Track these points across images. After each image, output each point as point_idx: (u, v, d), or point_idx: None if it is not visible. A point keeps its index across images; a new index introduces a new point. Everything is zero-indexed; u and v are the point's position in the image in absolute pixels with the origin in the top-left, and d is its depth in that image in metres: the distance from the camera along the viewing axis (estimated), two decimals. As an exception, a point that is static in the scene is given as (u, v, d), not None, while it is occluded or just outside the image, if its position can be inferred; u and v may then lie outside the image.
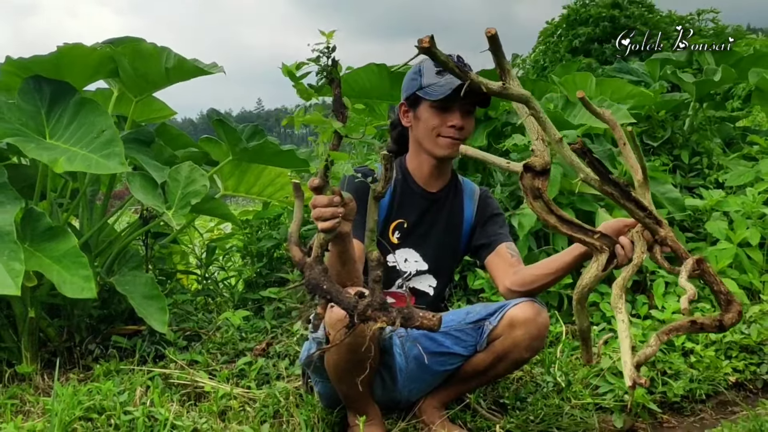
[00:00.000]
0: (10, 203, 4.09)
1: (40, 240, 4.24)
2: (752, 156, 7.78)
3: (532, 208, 2.82)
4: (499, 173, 6.11)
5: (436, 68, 3.56)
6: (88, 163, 4.27)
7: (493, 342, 3.51)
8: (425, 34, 2.42)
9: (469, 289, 5.47)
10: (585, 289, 2.96)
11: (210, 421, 3.65)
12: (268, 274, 6.07)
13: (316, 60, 2.68)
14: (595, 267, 2.92)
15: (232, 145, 5.49)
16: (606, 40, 29.86)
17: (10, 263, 3.84)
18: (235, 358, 4.60)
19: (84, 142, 4.39)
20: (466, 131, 3.63)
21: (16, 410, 3.97)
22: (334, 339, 2.95)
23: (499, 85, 2.59)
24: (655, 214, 2.91)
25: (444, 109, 3.58)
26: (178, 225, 4.81)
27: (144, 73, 5.00)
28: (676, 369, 4.32)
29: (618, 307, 2.81)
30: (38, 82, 4.51)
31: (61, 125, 4.46)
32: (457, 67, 2.49)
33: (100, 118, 4.48)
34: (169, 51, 4.97)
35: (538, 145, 2.78)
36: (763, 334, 4.58)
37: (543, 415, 3.82)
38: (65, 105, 4.50)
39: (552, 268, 3.42)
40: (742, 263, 5.78)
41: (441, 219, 3.83)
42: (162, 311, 4.58)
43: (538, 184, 2.76)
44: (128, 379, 4.17)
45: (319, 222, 2.71)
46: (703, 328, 2.83)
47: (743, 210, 6.17)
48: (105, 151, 4.32)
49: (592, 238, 2.91)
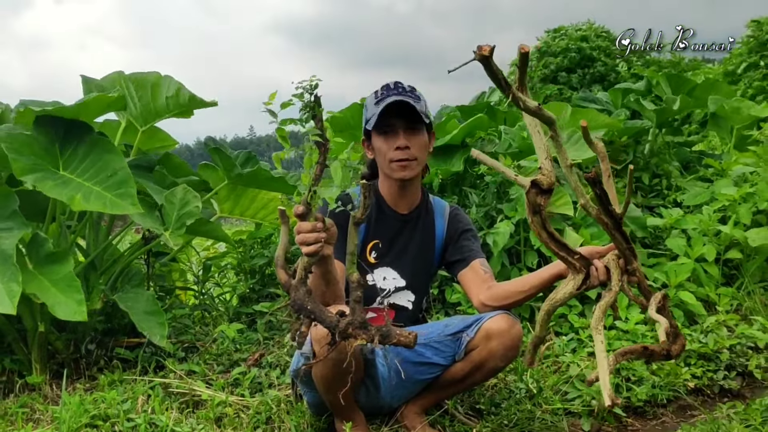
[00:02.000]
0: (17, 228, 4.16)
1: (44, 263, 4.28)
2: (708, 178, 7.83)
3: (531, 221, 2.84)
4: (474, 195, 6.13)
5: (375, 99, 3.60)
6: (103, 201, 4.30)
7: (471, 352, 3.53)
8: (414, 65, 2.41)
9: (447, 302, 5.49)
10: (557, 303, 3.02)
11: (207, 427, 3.65)
12: (261, 289, 6.08)
13: (300, 96, 2.70)
14: (571, 285, 2.98)
15: (228, 170, 5.53)
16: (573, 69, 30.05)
17: (10, 284, 3.91)
18: (230, 368, 4.59)
19: (98, 179, 4.41)
20: (413, 149, 3.59)
21: (27, 418, 3.97)
22: (319, 354, 2.99)
23: (535, 105, 2.58)
24: (633, 247, 2.97)
25: (387, 134, 3.59)
26: (175, 245, 4.85)
27: (148, 102, 5.05)
28: (640, 375, 4.34)
29: (598, 328, 2.85)
30: (53, 117, 4.50)
31: (75, 159, 4.46)
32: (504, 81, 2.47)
33: (114, 157, 4.51)
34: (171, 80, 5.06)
35: (546, 165, 2.78)
36: (719, 343, 4.60)
37: (516, 420, 3.83)
38: (79, 140, 4.51)
39: (526, 286, 3.45)
40: (699, 277, 5.81)
41: (414, 237, 3.83)
42: (162, 326, 4.58)
43: (541, 201, 2.78)
44: (131, 388, 4.18)
45: (304, 246, 2.73)
46: (653, 354, 2.90)
47: (700, 228, 6.22)
48: (119, 191, 4.36)
49: (573, 258, 2.96)
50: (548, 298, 3.02)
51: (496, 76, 2.40)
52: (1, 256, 4.01)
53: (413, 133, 3.60)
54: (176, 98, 5.12)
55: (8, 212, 4.23)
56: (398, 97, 3.54)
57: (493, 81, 2.46)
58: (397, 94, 3.56)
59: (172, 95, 5.08)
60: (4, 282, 3.92)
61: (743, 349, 4.65)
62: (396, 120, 3.55)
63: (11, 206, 4.25)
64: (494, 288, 3.59)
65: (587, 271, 2.98)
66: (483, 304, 3.59)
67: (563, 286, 3.02)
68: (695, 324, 5.19)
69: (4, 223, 4.18)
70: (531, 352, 3.11)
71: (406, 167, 3.61)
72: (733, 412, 3.67)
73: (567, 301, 3.11)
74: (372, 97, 3.66)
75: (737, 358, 4.57)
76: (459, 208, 4.01)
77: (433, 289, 4.88)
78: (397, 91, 3.60)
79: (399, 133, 3.57)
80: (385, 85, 3.67)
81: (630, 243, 2.96)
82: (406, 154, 3.58)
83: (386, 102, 3.53)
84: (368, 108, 3.68)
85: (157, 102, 5.12)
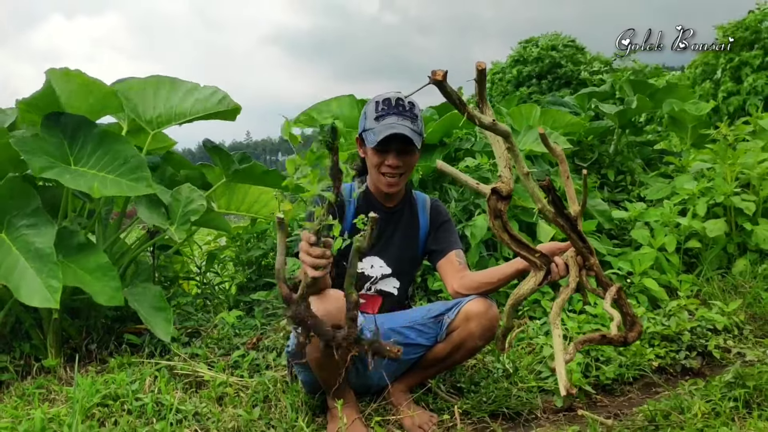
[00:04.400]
0: (43, 225, 4.18)
1: (75, 254, 4.34)
2: (668, 174, 7.91)
3: (492, 225, 2.89)
4: (453, 191, 6.13)
5: (376, 114, 3.59)
6: (120, 186, 4.36)
7: (452, 333, 3.56)
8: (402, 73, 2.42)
9: (429, 289, 5.49)
10: (521, 297, 3.12)
11: (209, 405, 3.65)
12: (257, 279, 6.07)
13: (322, 128, 2.72)
14: (533, 281, 3.07)
15: (226, 167, 5.61)
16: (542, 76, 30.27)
17: (49, 280, 3.97)
18: (230, 351, 4.59)
19: (111, 168, 4.46)
20: (404, 167, 3.64)
21: (43, 398, 3.97)
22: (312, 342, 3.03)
23: (490, 120, 2.61)
24: (589, 244, 3.02)
25: (382, 151, 3.60)
26: (180, 239, 4.85)
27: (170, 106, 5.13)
28: (608, 356, 4.35)
29: (555, 323, 2.96)
30: (57, 116, 4.52)
31: (84, 153, 4.47)
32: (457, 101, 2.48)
33: (124, 147, 4.56)
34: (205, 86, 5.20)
35: (505, 173, 2.81)
36: (681, 325, 4.62)
37: (494, 397, 3.83)
38: (86, 137, 4.52)
39: (494, 278, 3.50)
40: (662, 265, 5.85)
41: (400, 229, 3.84)
42: (167, 322, 4.61)
43: (501, 206, 2.83)
44: (138, 370, 4.17)
45: (311, 269, 2.72)
46: (610, 341, 2.99)
47: (662, 220, 6.28)
48: (133, 176, 4.43)
49: (534, 256, 3.05)
50: (513, 293, 3.12)
51: (451, 96, 2.46)
52: (38, 254, 4.06)
53: (406, 155, 3.62)
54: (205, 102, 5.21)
55: (31, 209, 4.25)
56: (398, 119, 3.54)
57: (448, 101, 2.48)
58: (397, 114, 3.55)
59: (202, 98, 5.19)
60: (42, 278, 3.97)
61: (703, 331, 4.67)
62: (391, 144, 3.56)
63: (34, 203, 4.27)
64: (466, 278, 3.63)
65: (548, 267, 3.05)
66: (456, 292, 3.65)
67: (526, 282, 3.11)
68: (658, 308, 5.21)
69: (28, 220, 4.22)
70: (501, 340, 3.23)
71: (393, 184, 3.66)
72: (694, 388, 3.68)
73: (530, 295, 3.19)
74: (372, 108, 3.64)
75: (697, 340, 4.59)
76: (438, 200, 4.03)
77: (416, 277, 4.88)
78: (397, 110, 3.58)
79: (392, 152, 3.58)
80: (387, 99, 3.63)
81: (586, 242, 3.05)
82: (396, 171, 3.62)
83: (385, 124, 3.53)
84: (367, 117, 3.65)
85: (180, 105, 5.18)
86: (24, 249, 4.09)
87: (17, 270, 4.01)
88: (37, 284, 3.95)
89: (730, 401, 3.32)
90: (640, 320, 3.15)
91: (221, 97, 5.19)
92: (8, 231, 4.20)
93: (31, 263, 4.03)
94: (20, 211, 4.24)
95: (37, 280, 3.96)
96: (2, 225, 4.23)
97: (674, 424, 3.19)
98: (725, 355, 4.50)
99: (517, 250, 3.00)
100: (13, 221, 4.22)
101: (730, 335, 4.77)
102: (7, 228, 4.21)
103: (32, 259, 4.04)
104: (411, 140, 3.51)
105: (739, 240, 6.37)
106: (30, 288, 3.95)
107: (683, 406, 3.35)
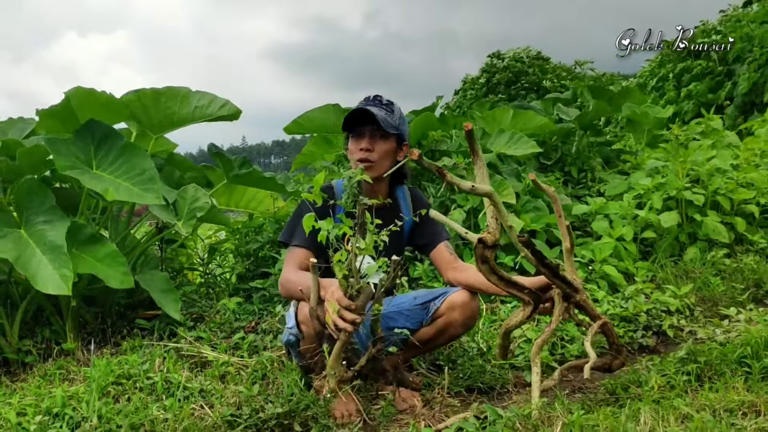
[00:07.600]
0: (58, 221, 4.25)
1: (84, 245, 4.38)
2: (626, 171, 7.98)
3: (479, 269, 2.99)
4: (432, 187, 6.13)
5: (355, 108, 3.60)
6: (131, 194, 4.43)
7: (437, 319, 3.55)
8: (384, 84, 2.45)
9: (411, 277, 5.50)
10: (510, 328, 3.26)
11: (213, 383, 3.65)
12: (255, 269, 6.08)
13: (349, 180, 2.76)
14: (522, 314, 3.15)
15: (227, 171, 5.65)
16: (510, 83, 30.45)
17: (62, 270, 4.03)
18: (231, 334, 4.59)
19: (127, 176, 4.52)
20: (375, 153, 3.56)
21: (63, 378, 3.99)
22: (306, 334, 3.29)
23: (468, 186, 2.65)
24: (575, 284, 3.09)
25: (357, 138, 3.60)
26: (186, 233, 4.88)
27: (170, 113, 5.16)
28: (572, 335, 4.37)
29: (535, 361, 3.04)
30: (92, 126, 4.58)
31: (106, 160, 4.55)
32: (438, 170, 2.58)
33: (142, 160, 4.61)
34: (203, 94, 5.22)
35: (492, 224, 2.88)
36: (637, 307, 4.64)
37: (470, 374, 3.83)
38: (113, 145, 4.59)
39: (485, 287, 3.38)
40: (620, 253, 5.89)
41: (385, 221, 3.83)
42: (175, 302, 4.74)
43: (487, 254, 2.91)
44: (149, 352, 4.17)
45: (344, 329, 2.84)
46: (594, 369, 3.03)
47: (620, 212, 6.34)
48: (145, 186, 4.50)
49: (523, 293, 3.10)
50: (504, 324, 3.25)
51: (429, 169, 2.58)
52: (51, 247, 4.12)
53: (378, 139, 3.58)
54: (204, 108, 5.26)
55: (46, 207, 4.31)
56: (368, 106, 3.54)
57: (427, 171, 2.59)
58: (371, 105, 3.57)
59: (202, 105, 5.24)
60: (57, 268, 4.02)
61: (658, 312, 4.71)
62: (364, 127, 3.56)
63: (49, 201, 4.33)
64: (460, 273, 3.61)
65: (536, 303, 3.12)
66: (450, 282, 3.67)
67: (515, 315, 3.20)
68: (617, 292, 5.24)
69: (44, 216, 4.28)
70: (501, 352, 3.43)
71: (367, 168, 3.49)
72: (651, 364, 3.69)
73: (519, 326, 3.31)
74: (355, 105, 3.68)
75: (653, 320, 4.62)
76: (415, 188, 4.00)
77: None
78: (373, 102, 3.62)
79: (365, 137, 3.56)
80: (367, 96, 3.70)
81: (569, 283, 3.09)
82: (366, 155, 3.55)
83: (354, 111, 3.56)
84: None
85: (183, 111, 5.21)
86: (40, 242, 4.15)
87: (34, 261, 4.07)
88: (51, 273, 4.01)
89: (683, 375, 3.33)
90: (625, 351, 3.25)
91: (223, 103, 5.24)
92: (26, 226, 4.27)
93: (46, 255, 4.09)
94: (37, 208, 4.30)
95: (51, 270, 4.02)
96: (21, 221, 4.30)
97: (633, 396, 3.19)
98: (678, 333, 4.54)
99: (507, 291, 3.06)
100: (30, 218, 4.29)
101: (683, 316, 4.80)
102: (25, 224, 4.28)
103: (47, 251, 4.10)
104: (376, 119, 3.48)
105: (690, 230, 6.41)
106: (45, 277, 4.00)
107: (641, 380, 3.36)
